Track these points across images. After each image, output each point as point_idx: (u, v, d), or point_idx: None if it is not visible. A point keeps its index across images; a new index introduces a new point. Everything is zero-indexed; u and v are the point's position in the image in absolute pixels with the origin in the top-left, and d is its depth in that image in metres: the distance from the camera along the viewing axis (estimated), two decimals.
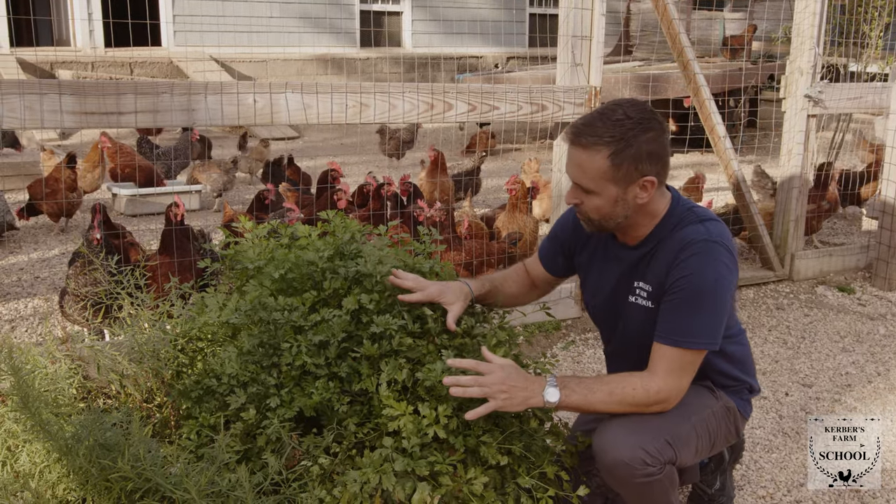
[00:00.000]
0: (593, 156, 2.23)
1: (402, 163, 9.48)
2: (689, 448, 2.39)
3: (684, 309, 2.27)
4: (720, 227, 2.37)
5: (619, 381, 2.33)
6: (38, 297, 4.99)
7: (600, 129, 2.21)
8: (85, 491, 2.06)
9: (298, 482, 2.17)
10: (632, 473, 2.26)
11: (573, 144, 2.27)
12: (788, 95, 5.38)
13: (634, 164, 2.23)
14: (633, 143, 2.22)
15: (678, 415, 2.35)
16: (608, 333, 2.68)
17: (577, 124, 2.27)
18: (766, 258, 5.55)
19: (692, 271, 2.27)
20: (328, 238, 2.68)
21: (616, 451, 2.26)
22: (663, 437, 2.30)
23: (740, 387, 2.59)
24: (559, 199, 4.49)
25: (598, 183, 2.26)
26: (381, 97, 3.82)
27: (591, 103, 4.31)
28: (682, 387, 2.32)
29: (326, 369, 2.34)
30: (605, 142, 2.21)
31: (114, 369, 2.59)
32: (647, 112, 2.26)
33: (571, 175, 2.32)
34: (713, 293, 2.27)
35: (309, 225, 2.81)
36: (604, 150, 2.22)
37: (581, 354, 4.34)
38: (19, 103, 3.14)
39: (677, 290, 2.29)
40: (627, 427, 2.29)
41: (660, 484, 2.32)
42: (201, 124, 3.53)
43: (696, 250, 2.28)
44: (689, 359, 2.30)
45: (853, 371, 4.28)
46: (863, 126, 10.41)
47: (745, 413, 2.61)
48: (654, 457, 2.27)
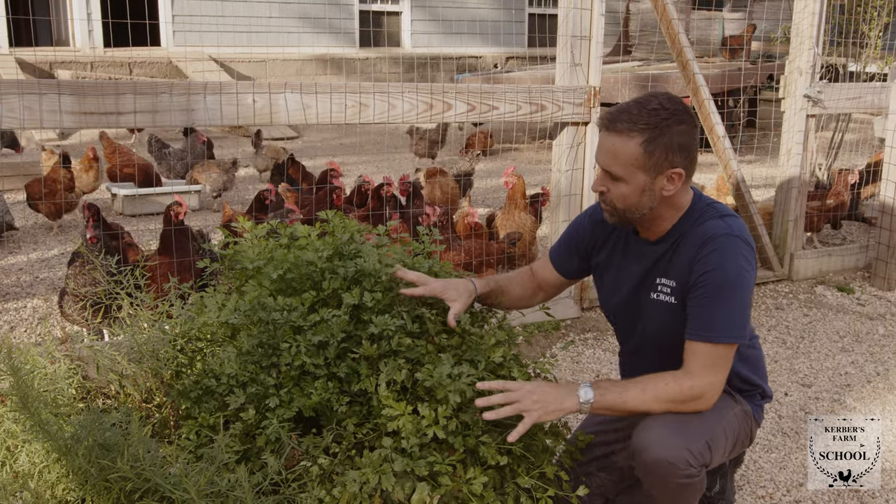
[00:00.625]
0: (627, 142, 2.23)
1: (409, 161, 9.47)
2: (719, 451, 2.38)
3: (710, 304, 2.27)
4: (739, 222, 2.37)
5: (653, 379, 2.32)
6: (38, 297, 4.98)
7: (636, 116, 2.22)
8: (84, 491, 2.06)
9: (298, 482, 2.16)
10: (674, 473, 2.24)
11: (607, 130, 2.26)
12: (787, 95, 5.39)
13: (665, 154, 2.24)
14: (666, 132, 2.22)
15: (712, 417, 2.33)
16: (626, 334, 2.64)
17: (612, 111, 2.27)
18: (765, 258, 5.56)
19: (715, 266, 2.26)
20: (327, 238, 2.68)
21: (660, 451, 2.24)
22: (704, 438, 2.29)
23: (754, 391, 2.58)
24: (558, 199, 4.49)
25: (628, 170, 2.26)
26: (380, 97, 3.82)
27: (591, 103, 4.31)
28: (717, 382, 2.30)
29: (326, 369, 2.34)
30: (640, 128, 2.22)
31: (113, 369, 2.58)
32: (682, 105, 2.28)
33: (602, 161, 2.31)
34: (736, 287, 2.27)
35: (308, 225, 2.81)
36: (637, 137, 2.22)
37: (580, 354, 4.34)
38: (18, 103, 3.14)
39: (701, 285, 2.28)
40: (670, 427, 2.27)
41: (694, 488, 2.30)
42: (200, 124, 3.54)
43: (717, 245, 2.27)
44: (722, 353, 2.28)
45: (852, 371, 4.28)
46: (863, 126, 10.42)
47: (759, 418, 2.60)
48: (697, 458, 2.25)
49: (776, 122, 5.73)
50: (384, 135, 10.41)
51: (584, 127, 4.38)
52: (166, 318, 2.77)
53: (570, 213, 4.45)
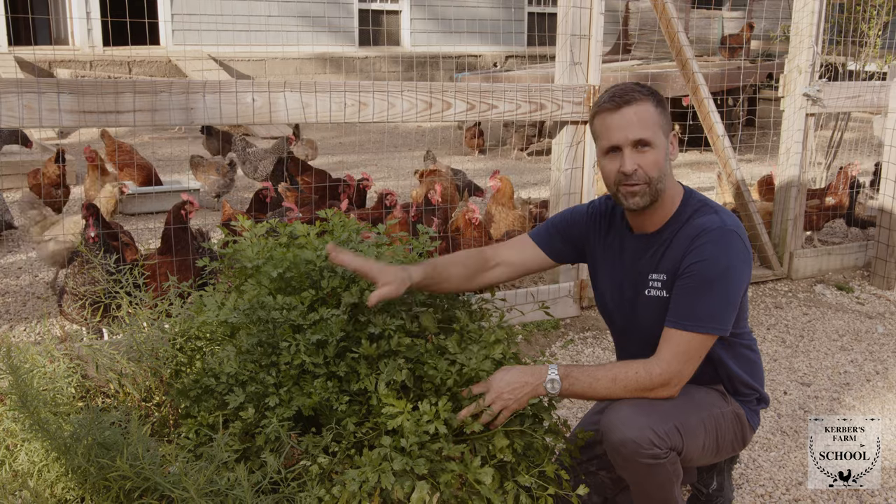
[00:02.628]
0: (646, 107, 2.35)
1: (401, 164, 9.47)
2: (696, 441, 2.39)
3: (694, 293, 2.31)
4: (735, 218, 2.42)
5: (622, 366, 2.38)
6: (37, 296, 4.98)
7: (636, 88, 2.37)
8: (84, 490, 2.06)
9: (297, 481, 2.16)
10: (637, 452, 2.26)
11: (620, 107, 2.35)
12: (787, 94, 5.39)
13: (666, 115, 2.40)
14: (659, 97, 2.40)
15: (688, 405, 2.37)
16: (620, 329, 2.68)
17: (613, 93, 2.39)
18: (764, 257, 5.56)
19: (706, 257, 2.31)
20: (326, 237, 2.68)
21: (624, 430, 2.27)
22: (672, 421, 2.31)
23: (751, 395, 2.59)
24: (558, 197, 4.49)
25: (653, 130, 2.35)
26: (379, 96, 3.82)
27: (590, 102, 4.31)
28: (684, 371, 2.33)
29: (325, 368, 2.34)
30: (646, 95, 2.36)
31: (112, 368, 2.58)
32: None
33: (628, 135, 2.36)
34: (725, 279, 2.31)
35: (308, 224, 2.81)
36: (649, 100, 2.36)
37: (580, 353, 4.34)
38: (17, 102, 3.14)
39: (689, 275, 2.32)
40: (637, 409, 2.31)
41: (664, 470, 2.32)
42: (199, 123, 3.53)
43: (711, 237, 2.32)
44: (696, 343, 2.32)
45: (852, 370, 4.28)
46: (862, 125, 10.42)
47: (754, 423, 2.61)
48: (662, 438, 2.27)
49: (775, 121, 5.73)
50: (384, 133, 10.42)
51: (583, 126, 4.38)
52: (165, 316, 2.77)
53: None
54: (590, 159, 4.43)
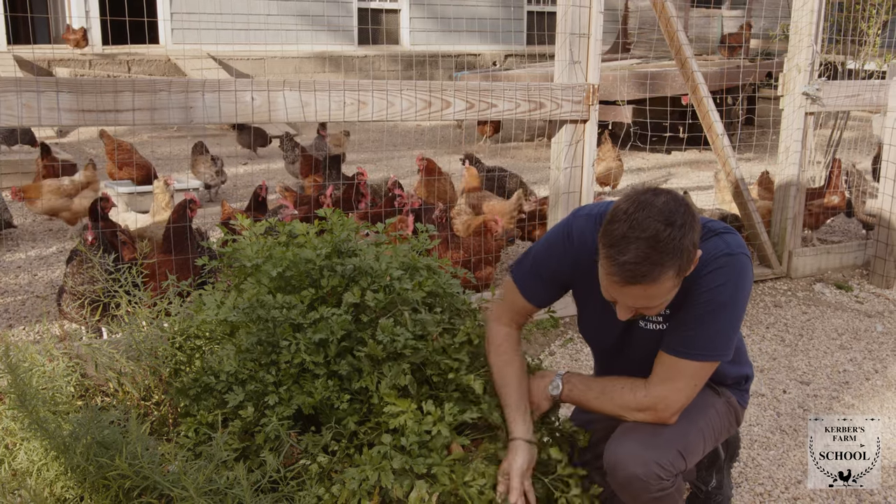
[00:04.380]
0: (662, 283, 2.04)
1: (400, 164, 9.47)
2: (696, 454, 2.38)
3: (697, 324, 2.21)
4: (737, 238, 2.27)
5: (615, 382, 2.36)
6: (36, 295, 4.98)
7: (657, 257, 1.99)
8: (83, 489, 2.06)
9: (296, 480, 2.16)
10: (646, 489, 2.24)
11: (636, 285, 2.03)
12: (786, 93, 5.39)
13: (691, 258, 2.08)
14: (688, 246, 2.03)
15: (686, 421, 2.32)
16: (608, 359, 2.57)
17: (626, 263, 2.00)
18: (763, 256, 5.56)
19: (712, 286, 2.18)
20: (325, 236, 2.68)
21: (630, 467, 2.23)
22: (675, 448, 2.28)
23: (738, 380, 2.58)
24: (557, 196, 4.49)
25: (666, 297, 2.12)
26: (378, 95, 3.82)
27: (589, 101, 4.31)
28: (671, 398, 2.26)
29: (326, 368, 2.34)
30: (669, 265, 2.01)
31: (112, 367, 2.58)
32: (676, 202, 2.05)
33: (630, 304, 2.13)
34: (730, 306, 2.21)
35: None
36: (669, 273, 2.02)
37: (579, 352, 4.34)
38: (17, 101, 3.14)
39: (694, 305, 2.20)
40: (640, 442, 2.26)
41: (671, 497, 2.31)
42: (199, 122, 3.52)
43: (717, 265, 2.19)
44: (693, 371, 2.24)
45: (851, 368, 4.28)
46: (862, 123, 10.42)
47: (744, 403, 2.60)
48: (668, 470, 2.25)
49: (775, 120, 5.73)
50: (383, 132, 10.41)
51: (582, 125, 4.38)
52: (165, 315, 2.77)
53: (569, 211, 4.44)
54: (589, 158, 4.43)
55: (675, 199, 2.05)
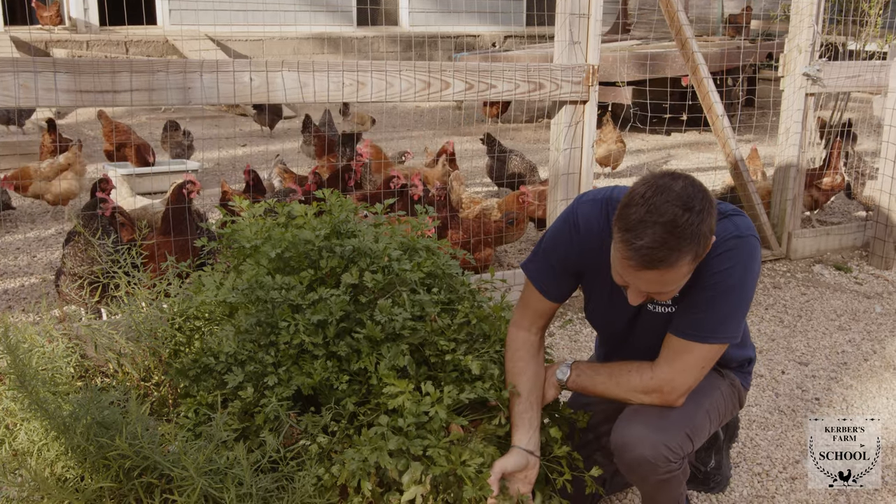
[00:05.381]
0: (679, 269, 2.02)
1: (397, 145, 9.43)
2: (703, 436, 2.39)
3: (706, 306, 2.20)
4: (745, 220, 2.25)
5: (621, 366, 2.37)
6: (35, 276, 4.98)
7: (674, 242, 1.97)
8: (83, 469, 2.07)
9: (296, 460, 2.17)
10: (655, 471, 2.26)
11: (652, 270, 2.01)
12: (787, 74, 5.36)
13: (707, 244, 2.06)
14: (705, 231, 2.02)
15: (693, 403, 2.33)
16: (616, 344, 2.58)
17: (643, 247, 1.97)
18: (763, 237, 5.55)
19: (721, 269, 2.17)
20: (324, 217, 2.68)
21: (639, 449, 2.25)
22: (683, 430, 2.29)
23: (742, 362, 2.59)
24: (556, 178, 4.48)
25: (681, 282, 2.10)
26: (377, 75, 3.80)
27: (589, 81, 4.29)
28: (678, 380, 2.26)
29: (325, 349, 2.34)
30: (686, 250, 1.99)
31: (111, 348, 2.59)
32: (693, 187, 2.03)
33: (644, 288, 2.11)
34: (738, 288, 2.20)
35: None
36: (685, 258, 2.00)
37: (578, 333, 4.35)
38: (13, 81, 3.12)
39: (703, 287, 2.19)
40: (649, 424, 2.26)
41: (677, 480, 2.32)
42: (197, 103, 3.51)
43: (727, 247, 2.18)
44: (700, 354, 2.23)
45: (849, 349, 4.29)
46: (862, 105, 10.39)
47: (746, 385, 2.62)
48: (676, 452, 2.26)
49: (775, 101, 5.72)
50: (382, 114, 10.38)
51: (582, 105, 4.37)
52: (164, 296, 2.77)
53: (569, 192, 4.44)
54: (589, 139, 4.42)
55: (692, 183, 2.03)
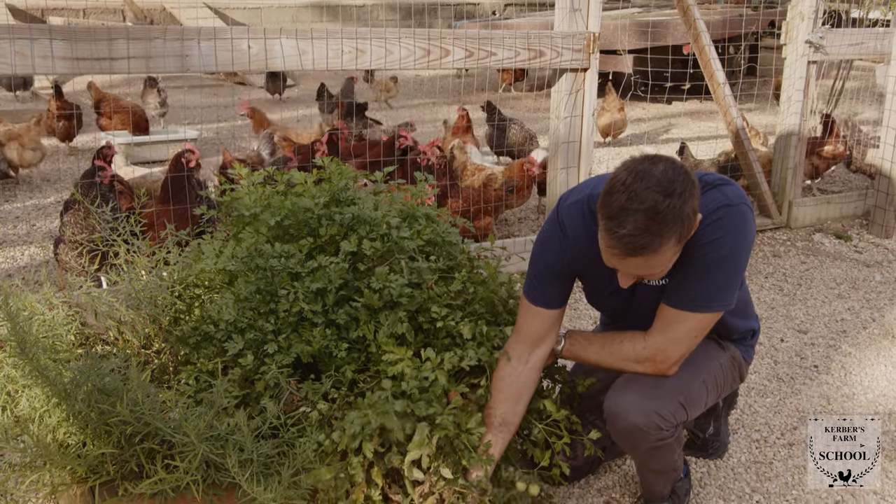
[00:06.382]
0: (662, 253, 2.01)
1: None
2: (699, 406, 2.40)
3: (698, 276, 2.19)
4: (735, 188, 2.24)
5: (615, 335, 2.38)
6: (35, 245, 4.98)
7: (657, 228, 1.96)
8: (85, 435, 2.08)
9: (297, 427, 2.18)
10: (646, 439, 2.28)
11: (636, 256, 2.01)
12: (789, 41, 5.33)
13: (691, 224, 2.05)
14: (687, 213, 2.00)
15: (688, 372, 2.33)
16: (615, 318, 2.61)
17: (625, 235, 1.97)
18: (763, 206, 5.55)
19: (712, 239, 2.16)
20: (324, 185, 2.67)
21: (631, 417, 2.26)
22: (677, 399, 2.30)
23: (745, 335, 2.59)
24: (557, 146, 4.46)
25: (668, 264, 2.10)
26: (377, 43, 3.77)
27: (590, 49, 4.26)
28: (670, 349, 2.26)
29: (324, 316, 2.34)
30: (669, 235, 1.98)
31: (111, 316, 2.59)
32: (674, 171, 2.00)
33: (631, 272, 2.12)
34: (729, 258, 2.18)
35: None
36: (669, 242, 2.00)
37: (577, 301, 4.36)
38: (10, 49, 3.10)
39: (694, 258, 2.18)
40: (641, 393, 2.28)
41: (669, 447, 2.34)
42: (195, 70, 3.48)
43: (716, 217, 2.17)
44: (692, 323, 2.23)
45: (848, 317, 4.30)
46: (864, 73, 10.32)
47: (749, 358, 2.61)
48: (668, 421, 2.27)
49: (777, 70, 5.68)
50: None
51: (583, 73, 4.34)
52: (163, 265, 2.77)
53: (569, 161, 4.43)
54: (589, 107, 4.40)
55: (673, 166, 2.01)
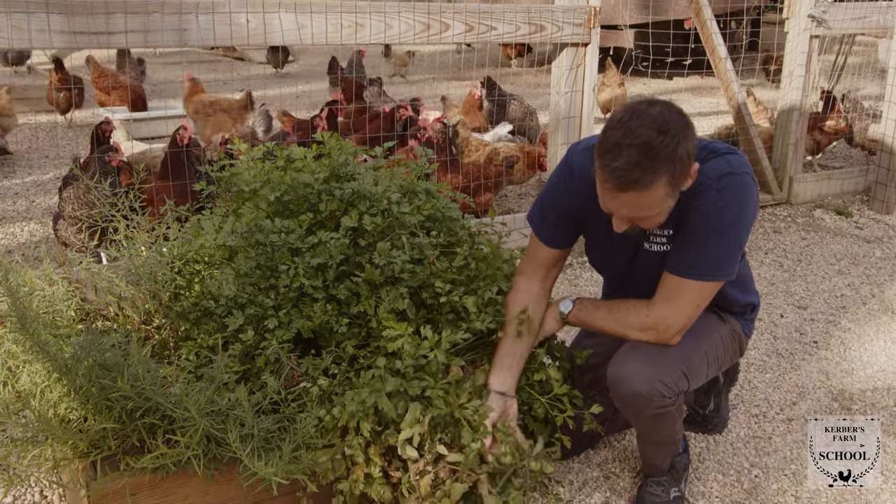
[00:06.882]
0: (654, 191, 2.03)
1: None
2: (700, 376, 2.41)
3: (700, 244, 2.21)
4: (739, 158, 2.25)
5: (620, 303, 2.40)
6: (34, 221, 4.97)
7: (648, 164, 1.98)
8: (86, 410, 2.08)
9: (297, 402, 2.19)
10: (648, 405, 2.29)
11: (627, 191, 2.03)
12: (792, 15, 5.29)
13: (686, 168, 2.07)
14: (681, 154, 2.02)
15: (690, 342, 2.35)
16: (617, 283, 2.62)
17: (617, 168, 2.00)
18: (764, 181, 5.53)
19: (714, 207, 2.17)
20: (324, 160, 2.66)
21: (634, 384, 2.27)
22: (679, 367, 2.31)
23: (745, 309, 2.60)
24: (557, 121, 4.44)
25: (660, 207, 2.10)
26: (376, 17, 3.75)
27: (591, 23, 4.23)
28: (672, 318, 2.28)
29: (324, 292, 2.34)
30: (661, 172, 2.00)
31: (111, 292, 2.59)
32: (670, 112, 2.04)
33: (625, 213, 2.13)
34: (733, 227, 2.20)
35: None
36: (661, 180, 2.01)
37: (578, 277, 4.36)
38: (6, 22, 3.08)
39: (696, 225, 2.20)
40: (644, 360, 2.29)
41: (671, 415, 2.35)
42: (193, 44, 3.46)
43: (720, 185, 2.18)
44: (694, 291, 2.25)
45: (848, 293, 4.30)
46: (867, 48, 10.27)
47: (748, 332, 2.62)
48: (671, 388, 2.28)
49: (779, 44, 5.64)
50: (379, 57, 10.25)
51: (583, 48, 4.31)
52: (163, 240, 2.76)
53: (569, 137, 4.41)
54: (590, 83, 4.37)
55: (670, 108, 2.05)
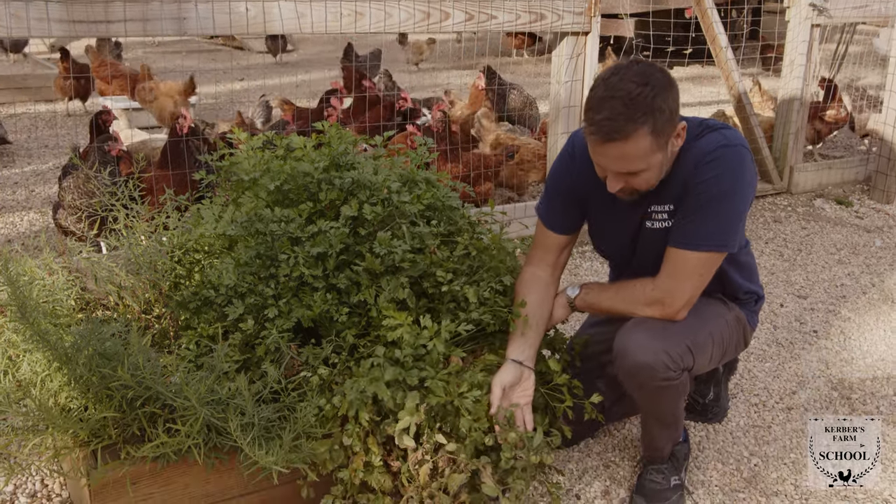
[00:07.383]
0: (637, 141, 2.09)
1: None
2: (704, 356, 2.42)
3: (698, 214, 2.24)
4: (734, 132, 2.31)
5: (627, 282, 2.44)
6: (34, 210, 4.97)
7: (628, 113, 2.07)
8: (87, 399, 2.08)
9: (297, 391, 2.19)
10: (653, 377, 2.29)
11: (610, 142, 2.11)
12: (792, 4, 5.27)
13: (669, 123, 2.14)
14: (661, 106, 2.09)
15: (696, 321, 2.37)
16: (622, 265, 2.65)
17: (601, 120, 2.09)
18: (764, 171, 5.53)
19: (710, 177, 2.22)
20: (323, 149, 2.65)
21: (639, 355, 2.29)
22: (685, 342, 2.32)
23: (749, 298, 2.61)
24: (557, 111, 4.43)
25: (645, 160, 2.15)
26: (376, 5, 3.74)
27: (591, 12, 4.21)
28: (676, 290, 2.30)
29: (324, 281, 2.34)
30: (642, 121, 2.08)
31: (111, 281, 2.59)
32: (651, 68, 2.13)
33: (615, 168, 2.19)
34: (731, 197, 2.23)
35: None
36: (642, 129, 2.08)
37: (578, 267, 4.36)
38: (5, 11, 3.07)
39: (694, 196, 2.25)
40: (650, 333, 2.31)
41: (675, 390, 2.36)
42: (193, 33, 3.46)
43: (715, 156, 2.23)
44: (697, 263, 2.27)
45: (848, 282, 4.30)
46: (867, 37, 10.24)
47: (753, 324, 2.63)
48: (675, 361, 2.29)
49: (780, 33, 5.63)
50: (381, 46, 10.23)
51: (584, 37, 4.30)
52: (163, 230, 2.76)
53: (570, 126, 4.40)
54: (590, 72, 4.36)
55: (651, 65, 2.15)
